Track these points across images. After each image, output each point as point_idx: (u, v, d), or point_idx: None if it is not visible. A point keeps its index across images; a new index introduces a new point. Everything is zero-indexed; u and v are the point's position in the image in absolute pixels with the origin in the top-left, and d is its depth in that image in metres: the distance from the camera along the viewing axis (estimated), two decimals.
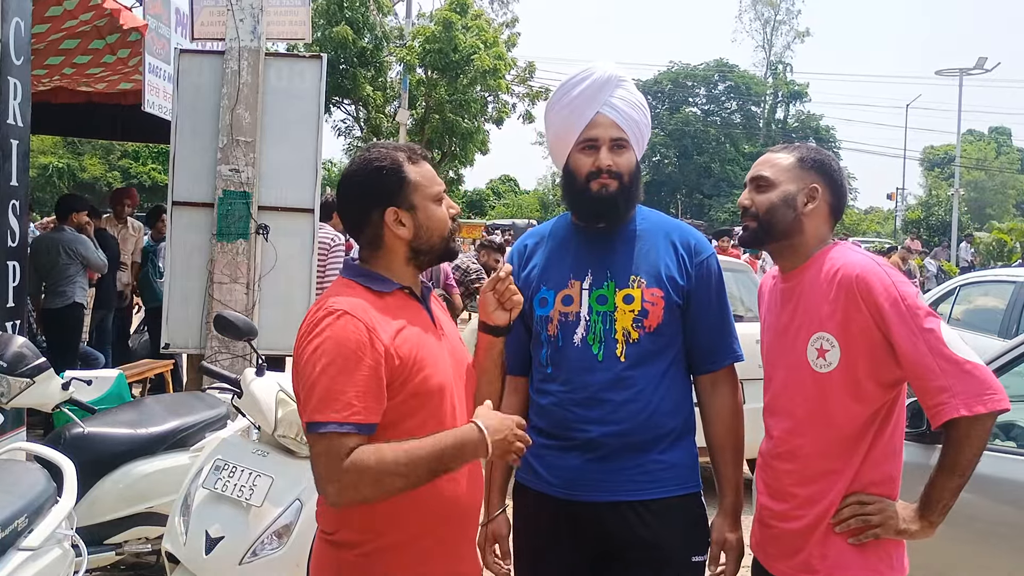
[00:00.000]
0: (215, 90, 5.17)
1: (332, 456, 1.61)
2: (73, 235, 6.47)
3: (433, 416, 1.75)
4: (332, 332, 1.65)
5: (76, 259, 6.39)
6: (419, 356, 1.73)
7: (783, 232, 2.01)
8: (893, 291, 1.85)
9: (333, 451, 1.61)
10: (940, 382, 1.79)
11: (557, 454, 2.09)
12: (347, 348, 1.64)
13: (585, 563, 2.09)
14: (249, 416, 3.44)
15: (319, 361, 1.64)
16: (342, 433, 1.61)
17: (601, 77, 2.09)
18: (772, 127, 52.33)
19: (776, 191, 2.01)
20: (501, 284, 1.91)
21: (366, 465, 1.60)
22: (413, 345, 1.73)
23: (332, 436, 1.61)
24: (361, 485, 1.61)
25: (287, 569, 3.10)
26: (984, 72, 30.05)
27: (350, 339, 1.65)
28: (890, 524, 1.88)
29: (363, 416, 1.63)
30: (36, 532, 2.47)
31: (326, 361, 1.64)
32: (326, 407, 1.62)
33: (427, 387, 1.74)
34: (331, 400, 1.62)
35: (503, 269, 1.92)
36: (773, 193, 2.01)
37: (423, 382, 1.73)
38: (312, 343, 1.67)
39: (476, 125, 21.21)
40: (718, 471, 2.15)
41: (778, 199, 2.00)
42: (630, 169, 2.08)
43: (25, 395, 3.24)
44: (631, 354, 2.05)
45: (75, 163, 33.76)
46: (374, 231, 1.80)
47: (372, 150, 1.83)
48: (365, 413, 1.64)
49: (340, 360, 1.63)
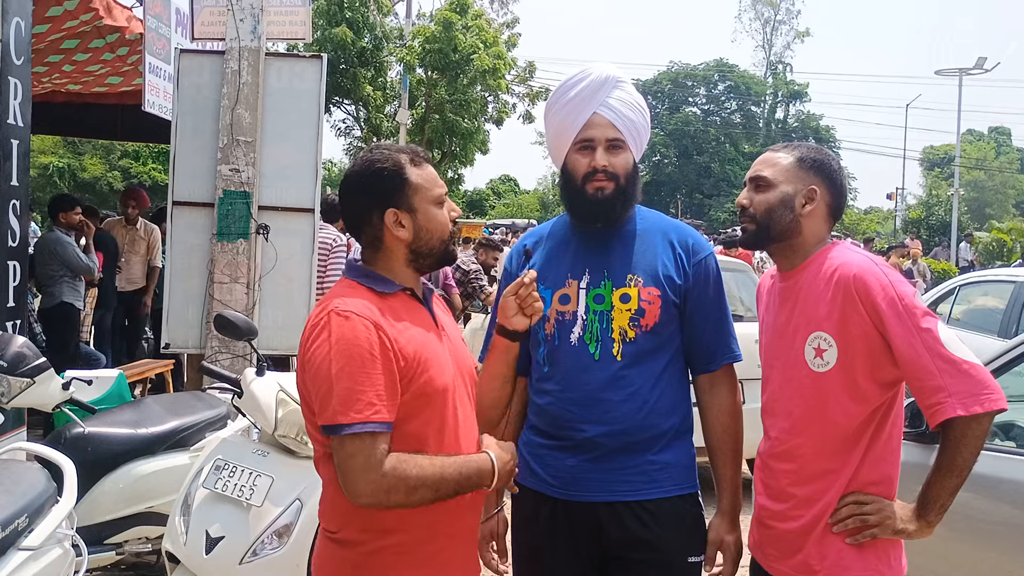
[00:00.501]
0: (215, 90, 5.18)
1: (368, 457, 1.62)
2: (56, 236, 6.43)
3: (436, 417, 1.76)
4: (342, 334, 1.66)
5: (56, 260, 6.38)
6: (423, 357, 1.74)
7: (781, 233, 2.01)
8: (890, 291, 1.85)
9: (367, 452, 1.62)
10: (937, 382, 1.80)
11: (554, 454, 2.10)
12: (360, 348, 1.65)
13: (583, 563, 2.09)
14: (249, 416, 3.44)
15: (333, 363, 1.65)
16: (371, 433, 1.63)
17: (598, 78, 2.10)
18: (772, 127, 52.28)
19: (774, 192, 2.01)
20: (524, 289, 1.92)
21: (408, 474, 1.64)
22: (417, 346, 1.74)
23: (363, 437, 1.62)
24: (396, 491, 1.63)
25: (287, 569, 3.11)
26: (984, 72, 30.06)
27: (361, 339, 1.65)
28: (888, 524, 1.89)
29: (385, 414, 1.65)
30: (36, 532, 2.47)
31: (341, 363, 1.64)
32: (349, 408, 1.63)
33: (431, 388, 1.74)
34: (353, 401, 1.63)
35: (528, 275, 1.93)
36: (771, 194, 2.01)
37: (427, 383, 1.73)
38: (323, 346, 1.67)
39: (476, 125, 21.18)
40: (716, 472, 2.15)
41: (776, 200, 2.00)
42: (626, 170, 2.08)
43: (25, 395, 3.24)
44: (628, 353, 2.05)
45: (75, 163, 33.74)
46: (374, 232, 1.81)
47: (375, 151, 1.84)
48: (387, 411, 1.65)
49: (355, 361, 1.64)
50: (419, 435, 1.73)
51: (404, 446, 1.69)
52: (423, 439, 1.74)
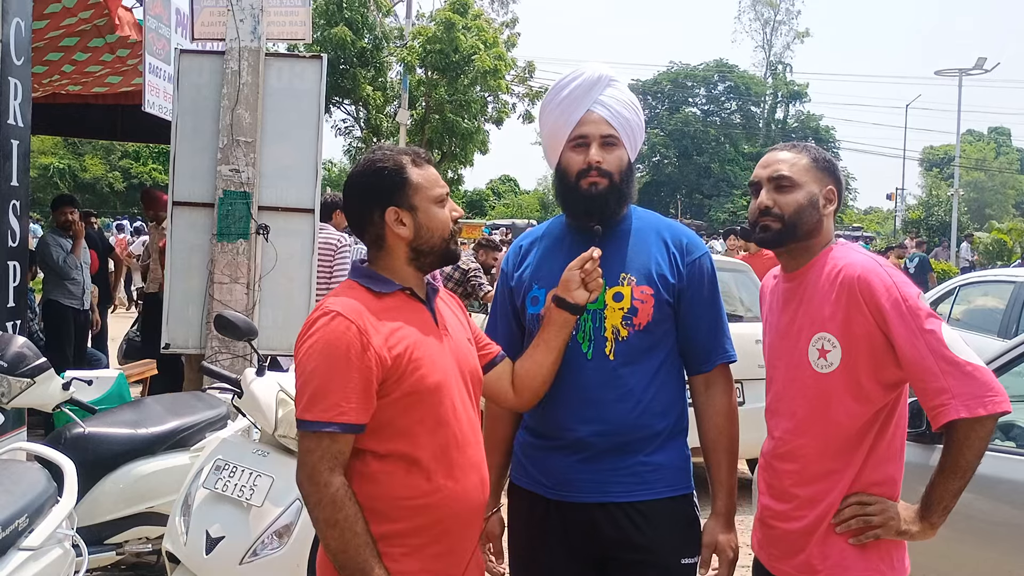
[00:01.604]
0: (215, 90, 5.17)
1: (322, 458, 1.69)
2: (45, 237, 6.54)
3: (430, 415, 1.78)
4: (323, 333, 1.72)
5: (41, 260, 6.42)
6: (415, 355, 1.76)
7: (807, 233, 1.99)
8: (895, 292, 1.85)
9: (322, 451, 1.69)
10: (940, 383, 1.79)
11: (547, 454, 2.10)
12: (337, 349, 1.70)
13: (578, 563, 2.09)
14: (249, 416, 3.44)
15: (311, 361, 1.72)
16: (330, 433, 1.69)
17: (591, 77, 2.11)
18: (772, 127, 52.29)
19: (801, 192, 1.98)
20: (591, 264, 1.99)
21: (336, 505, 1.68)
22: (409, 345, 1.77)
23: (320, 435, 1.69)
24: (319, 508, 1.69)
25: (287, 569, 3.11)
26: (984, 72, 30.06)
27: (340, 340, 1.70)
28: (891, 525, 1.88)
29: (350, 416, 1.69)
30: (36, 532, 2.47)
31: (316, 362, 1.71)
32: (314, 405, 1.70)
33: (423, 386, 1.76)
34: (319, 399, 1.70)
35: (596, 251, 2.00)
36: (799, 194, 1.98)
37: (419, 381, 1.76)
38: (306, 343, 1.74)
39: (476, 125, 21.19)
40: (711, 472, 2.15)
41: (805, 200, 1.98)
42: (620, 167, 2.09)
43: (25, 395, 3.24)
44: (620, 352, 2.05)
45: (75, 163, 33.76)
46: (376, 231, 1.85)
47: (377, 152, 1.88)
48: (353, 414, 1.70)
49: (330, 361, 1.70)
50: (409, 433, 1.76)
51: (394, 443, 1.75)
52: (413, 437, 1.77)
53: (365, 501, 1.73)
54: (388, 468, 1.76)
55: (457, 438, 1.82)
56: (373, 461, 1.76)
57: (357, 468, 1.76)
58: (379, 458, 1.76)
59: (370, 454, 1.76)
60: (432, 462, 1.78)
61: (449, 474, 1.79)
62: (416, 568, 1.77)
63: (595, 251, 2.00)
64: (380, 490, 1.75)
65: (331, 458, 1.70)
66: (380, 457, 1.76)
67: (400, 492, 1.76)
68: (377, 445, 1.76)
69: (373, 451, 1.76)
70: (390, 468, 1.76)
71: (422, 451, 1.77)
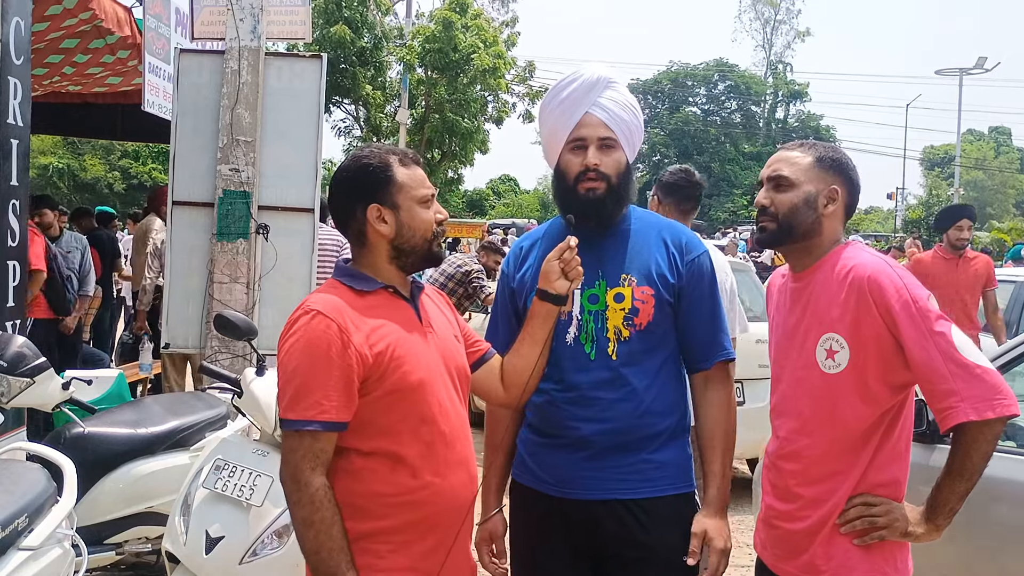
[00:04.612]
0: (215, 90, 5.16)
1: (303, 455, 1.70)
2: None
3: (414, 412, 1.79)
4: (304, 332, 1.73)
5: None
6: (397, 353, 1.77)
7: (803, 233, 1.99)
8: (904, 293, 1.84)
9: (304, 450, 1.70)
10: (949, 385, 1.78)
11: (550, 451, 2.11)
12: (318, 348, 1.71)
13: (580, 561, 2.10)
14: (249, 416, 3.43)
15: (292, 360, 1.73)
16: (311, 432, 1.70)
17: (590, 79, 2.11)
18: (772, 127, 52.30)
19: (798, 191, 1.98)
20: (569, 253, 1.96)
21: (315, 506, 1.69)
22: (391, 343, 1.77)
23: (303, 434, 1.70)
24: (298, 507, 1.71)
25: (287, 569, 3.10)
26: (984, 72, 30.09)
27: (320, 339, 1.71)
28: (896, 526, 1.88)
29: (331, 414, 1.70)
30: (36, 532, 2.47)
31: (297, 360, 1.72)
32: (296, 404, 1.71)
33: (406, 383, 1.77)
34: (301, 398, 1.70)
35: (572, 240, 1.97)
36: (794, 193, 1.98)
37: (401, 378, 1.77)
38: (287, 343, 1.75)
39: (476, 125, 21.19)
40: (705, 466, 2.14)
41: (800, 200, 1.98)
42: (618, 170, 2.09)
43: (25, 395, 3.24)
44: (623, 353, 2.06)
45: (75, 163, 33.75)
46: (358, 226, 1.86)
47: (365, 148, 1.90)
48: (334, 412, 1.70)
49: (311, 359, 1.71)
50: (393, 430, 1.77)
51: (378, 440, 1.76)
52: (397, 435, 1.77)
53: (351, 498, 1.74)
54: (372, 466, 1.77)
55: (445, 435, 1.82)
56: (357, 459, 1.77)
57: (342, 466, 1.77)
58: (363, 456, 1.77)
59: (354, 452, 1.77)
60: (418, 459, 1.78)
61: (436, 471, 1.79)
62: (404, 565, 1.77)
63: (572, 240, 1.98)
64: (365, 487, 1.76)
65: (313, 457, 1.70)
66: (364, 455, 1.77)
67: (385, 489, 1.76)
68: (361, 443, 1.77)
69: (357, 449, 1.77)
70: (374, 466, 1.77)
71: (407, 448, 1.77)
